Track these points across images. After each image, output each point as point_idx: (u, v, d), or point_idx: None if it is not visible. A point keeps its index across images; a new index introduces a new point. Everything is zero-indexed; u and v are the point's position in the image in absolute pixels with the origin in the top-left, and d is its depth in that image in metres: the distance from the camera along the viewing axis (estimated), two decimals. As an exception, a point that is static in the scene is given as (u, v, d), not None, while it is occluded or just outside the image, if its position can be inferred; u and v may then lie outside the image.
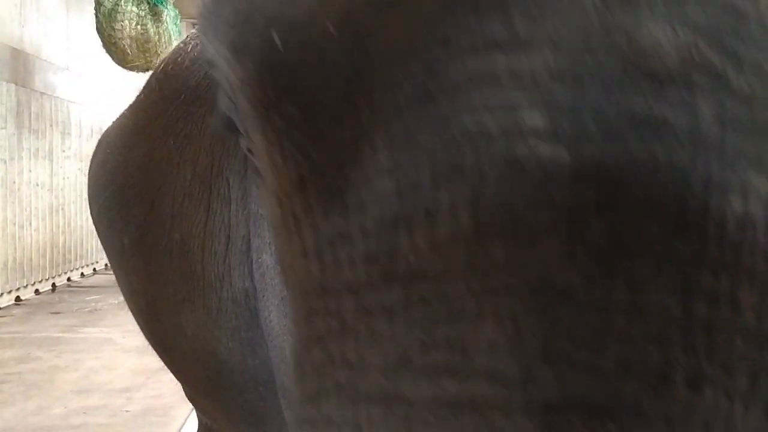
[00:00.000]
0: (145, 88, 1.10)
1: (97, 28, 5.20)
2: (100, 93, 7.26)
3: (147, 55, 5.26)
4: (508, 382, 0.27)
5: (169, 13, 5.30)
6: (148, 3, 5.17)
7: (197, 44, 1.00)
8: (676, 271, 0.26)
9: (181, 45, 1.07)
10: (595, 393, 0.26)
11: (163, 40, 5.26)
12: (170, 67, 1.03)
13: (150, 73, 1.21)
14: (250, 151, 0.40)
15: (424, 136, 0.28)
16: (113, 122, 1.20)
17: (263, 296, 0.87)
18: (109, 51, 5.27)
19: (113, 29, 5.08)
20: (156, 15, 5.21)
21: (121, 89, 7.40)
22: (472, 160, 0.27)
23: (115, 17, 5.07)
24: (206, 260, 0.93)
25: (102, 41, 5.24)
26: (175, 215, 0.96)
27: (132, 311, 1.16)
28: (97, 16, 5.14)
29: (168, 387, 3.27)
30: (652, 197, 0.26)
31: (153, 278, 1.03)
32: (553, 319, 0.26)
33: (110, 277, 6.94)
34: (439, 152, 0.28)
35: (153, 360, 3.51)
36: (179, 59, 1.02)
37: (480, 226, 0.27)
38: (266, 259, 0.84)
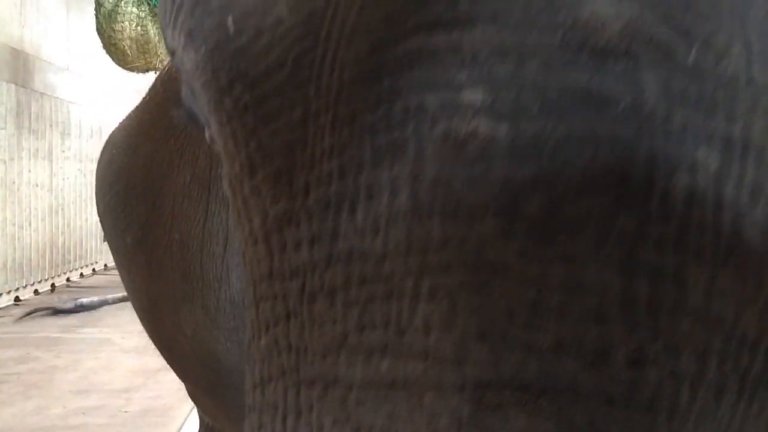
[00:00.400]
0: (150, 89, 1.12)
1: (97, 29, 5.21)
2: (100, 94, 7.27)
3: (147, 56, 5.27)
4: (442, 360, 0.26)
5: (169, 15, 5.30)
6: (149, 4, 5.18)
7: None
8: (617, 247, 0.25)
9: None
10: (529, 371, 0.25)
11: (163, 41, 5.26)
12: (174, 69, 1.04)
13: (150, 74, 1.22)
14: (212, 140, 0.40)
15: (367, 115, 0.28)
16: (120, 123, 1.22)
17: None
18: (109, 52, 5.28)
19: (113, 30, 5.08)
20: (156, 16, 5.20)
21: (121, 90, 7.42)
22: (412, 138, 0.27)
23: (116, 18, 5.08)
24: (205, 261, 0.94)
25: (102, 42, 5.25)
26: (176, 215, 0.97)
27: (135, 310, 1.18)
28: (97, 17, 5.15)
29: (167, 388, 3.27)
30: (592, 172, 0.25)
31: (154, 277, 1.04)
32: (489, 296, 0.26)
33: (110, 278, 6.95)
34: (381, 130, 0.28)
35: (152, 360, 3.50)
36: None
37: (418, 205, 0.27)
38: None
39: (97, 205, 1.22)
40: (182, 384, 1.29)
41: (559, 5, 0.26)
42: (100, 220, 1.20)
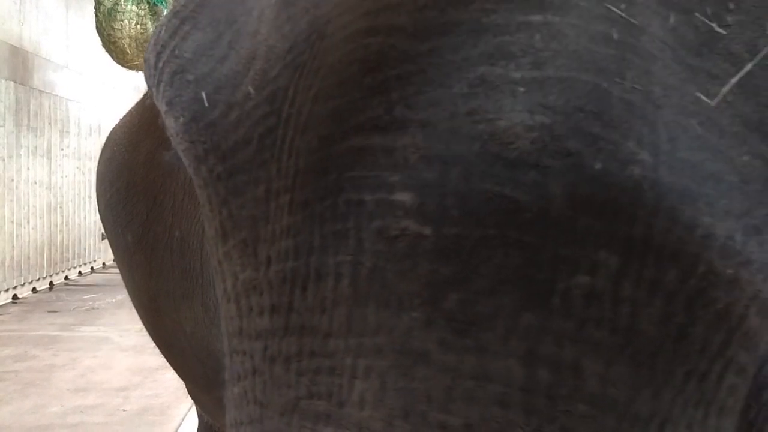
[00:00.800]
0: (151, 88, 1.12)
1: (97, 27, 5.19)
2: (100, 91, 7.27)
3: (146, 54, 5.26)
4: None
5: (169, 13, 5.30)
6: (148, 2, 5.16)
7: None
8: (522, 340, 0.28)
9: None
10: None
11: (162, 39, 5.25)
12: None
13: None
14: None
15: (317, 204, 0.31)
16: (121, 119, 1.22)
17: None
18: (108, 50, 5.26)
19: (113, 28, 5.07)
20: (156, 15, 5.20)
21: (120, 88, 7.41)
22: (353, 231, 0.30)
23: (115, 16, 5.07)
24: (205, 258, 0.94)
25: (101, 40, 5.23)
26: (176, 213, 0.97)
27: (135, 307, 1.18)
28: (96, 15, 5.14)
29: (165, 386, 3.27)
30: (502, 273, 0.28)
31: (155, 275, 1.04)
32: (413, 380, 0.29)
33: (108, 276, 6.94)
34: (328, 219, 0.31)
35: (150, 359, 3.50)
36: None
37: (357, 292, 0.30)
38: None
39: (98, 202, 1.22)
40: (181, 383, 1.28)
41: (480, 116, 0.28)
42: (101, 218, 1.20)
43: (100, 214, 1.21)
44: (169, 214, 0.98)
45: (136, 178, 1.06)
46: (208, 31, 0.38)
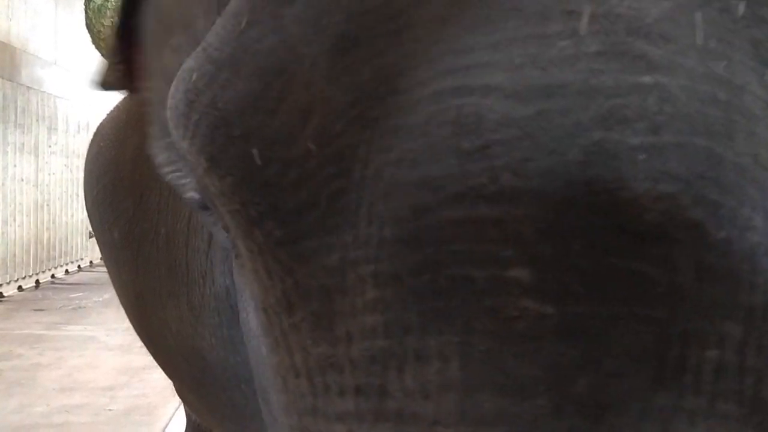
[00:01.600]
0: (139, 81, 1.11)
1: (87, 24, 5.16)
2: (88, 88, 7.21)
3: (136, 51, 5.23)
4: None
5: (159, 10, 5.27)
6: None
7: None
8: (656, 422, 0.27)
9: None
10: None
11: (152, 37, 5.23)
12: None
13: None
14: (226, 229, 0.39)
15: (411, 279, 0.29)
16: (108, 114, 1.20)
17: (241, 296, 0.88)
18: (98, 47, 5.22)
19: (103, 25, 5.02)
20: (146, 11, 5.18)
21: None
22: (460, 309, 0.28)
23: (105, 13, 5.02)
24: (190, 256, 0.93)
25: (91, 37, 5.19)
26: (162, 209, 0.96)
27: (122, 305, 1.17)
28: (86, 12, 5.09)
29: (152, 386, 3.24)
30: (634, 353, 0.27)
31: (141, 272, 1.03)
32: None
33: (95, 275, 6.88)
34: (427, 296, 0.28)
35: (137, 358, 3.47)
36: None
37: (470, 376, 0.28)
38: None
39: (85, 198, 1.21)
40: (168, 382, 1.27)
41: (599, 187, 0.26)
42: (88, 214, 1.19)
43: (87, 210, 1.20)
44: (155, 211, 0.97)
45: (122, 174, 1.05)
46: (253, 80, 0.33)
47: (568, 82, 0.27)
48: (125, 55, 0.64)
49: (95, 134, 1.22)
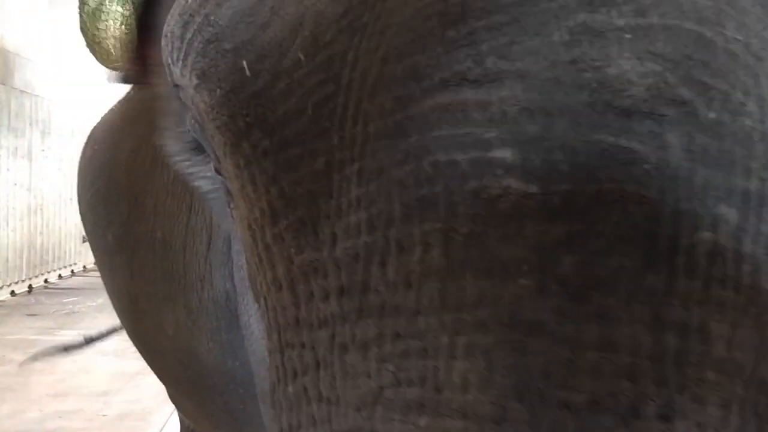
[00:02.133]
0: (134, 85, 1.10)
1: (81, 27, 5.14)
2: (82, 93, 7.19)
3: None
4: (481, 418, 0.27)
5: (154, 14, 5.27)
6: (133, 3, 5.13)
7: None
8: (647, 304, 0.26)
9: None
10: (567, 429, 0.26)
11: (147, 40, 5.22)
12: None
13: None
14: (218, 171, 0.40)
15: (395, 169, 0.29)
16: (102, 117, 1.20)
17: (243, 299, 0.87)
18: (92, 50, 5.20)
19: (97, 29, 5.00)
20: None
21: (103, 90, 7.32)
22: (443, 195, 0.27)
23: (99, 17, 5.00)
24: (188, 260, 0.92)
25: (86, 40, 5.18)
26: (158, 213, 0.95)
27: (115, 310, 1.16)
28: (81, 15, 5.08)
29: (146, 391, 3.22)
30: (621, 232, 0.26)
31: (136, 276, 1.02)
32: (525, 355, 0.26)
33: (89, 279, 6.85)
34: (410, 185, 0.28)
35: (131, 363, 3.45)
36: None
37: (451, 261, 0.27)
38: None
39: (78, 202, 1.20)
40: (162, 388, 1.26)
41: (586, 64, 0.26)
42: (82, 218, 1.18)
43: (80, 214, 1.19)
44: (151, 215, 0.96)
45: (117, 177, 1.04)
46: None
47: None
48: (142, 51, 0.66)
49: (88, 137, 1.22)
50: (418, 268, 0.28)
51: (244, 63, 0.33)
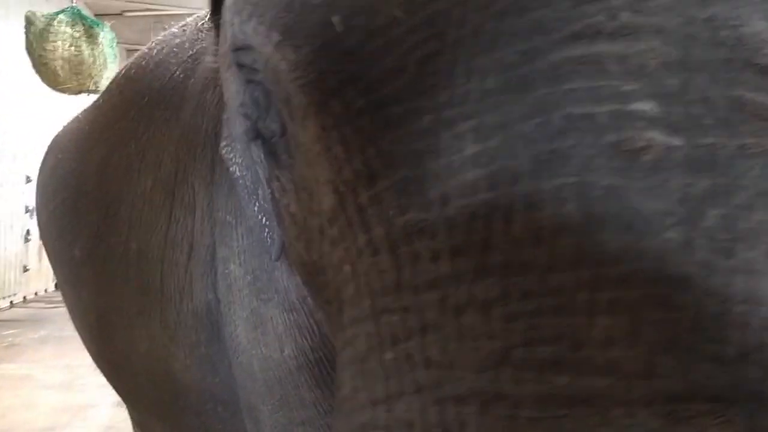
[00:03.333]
0: (104, 93, 1.06)
1: (27, 48, 4.98)
2: (24, 115, 6.92)
3: (80, 77, 5.06)
4: (628, 374, 0.26)
5: (105, 36, 5.15)
6: (84, 24, 5.01)
7: (163, 48, 0.97)
8: None
9: (146, 50, 1.04)
10: (719, 381, 0.26)
11: (98, 62, 5.08)
12: (133, 71, 0.99)
13: (82, 95, 1.19)
14: (273, 136, 0.38)
15: (520, 124, 0.28)
16: (65, 127, 1.15)
17: (229, 309, 0.83)
18: (38, 72, 5.05)
19: (44, 49, 4.87)
20: (91, 37, 5.04)
21: (46, 112, 7.09)
22: (578, 148, 0.27)
23: (47, 37, 4.87)
24: (165, 271, 0.89)
25: (32, 61, 5.02)
26: (133, 223, 0.91)
27: (79, 329, 1.09)
28: (27, 36, 4.93)
29: (96, 425, 3.06)
30: (762, 185, 0.27)
31: (104, 291, 0.97)
32: (672, 309, 0.26)
33: (29, 311, 6.52)
34: (539, 140, 0.28)
35: (78, 396, 3.28)
36: (143, 63, 0.98)
37: (589, 215, 0.27)
38: (234, 269, 0.80)
39: (38, 215, 1.14)
40: (113, 420, 1.20)
41: (719, 23, 0.27)
42: (42, 231, 1.12)
43: (40, 227, 1.13)
44: (126, 225, 0.92)
45: (86, 187, 1.00)
46: None
47: None
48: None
49: (50, 148, 1.17)
50: (550, 223, 0.28)
51: (336, 18, 0.32)
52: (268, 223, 0.56)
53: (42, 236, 1.13)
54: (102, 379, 1.20)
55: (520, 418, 0.27)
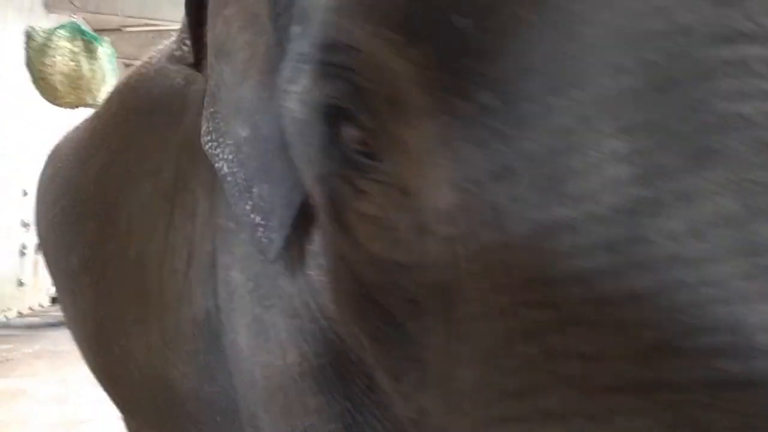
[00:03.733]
0: (104, 102, 1.07)
1: (26, 63, 5.00)
2: (21, 131, 6.93)
3: (79, 92, 5.08)
4: None
5: (104, 51, 5.18)
6: (83, 39, 5.04)
7: (163, 57, 0.97)
8: None
9: (147, 59, 1.04)
10: None
11: (97, 77, 5.10)
12: (133, 79, 1.00)
13: (81, 110, 1.21)
14: (358, 137, 0.38)
15: (671, 122, 0.29)
16: (65, 136, 1.15)
17: (230, 316, 0.83)
18: (37, 86, 5.07)
19: (44, 64, 4.90)
20: (90, 52, 5.07)
21: (44, 127, 7.09)
22: (731, 144, 0.28)
23: (46, 52, 4.90)
24: (164, 278, 0.88)
25: (31, 76, 5.04)
26: (132, 231, 0.91)
27: (76, 339, 1.09)
28: (27, 51, 4.95)
29: (90, 440, 3.02)
30: None
31: (102, 299, 0.97)
32: None
33: (24, 326, 6.44)
34: (690, 137, 0.29)
35: (74, 411, 3.25)
36: (144, 71, 0.99)
37: (749, 208, 0.28)
38: (236, 276, 0.79)
39: (37, 224, 1.14)
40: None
41: None
42: (41, 240, 1.12)
43: (39, 236, 1.13)
44: (124, 232, 0.92)
45: (84, 195, 1.00)
46: None
47: None
48: (195, 33, 0.64)
49: (50, 157, 1.17)
50: (708, 217, 0.28)
51: (457, 19, 0.32)
52: (263, 222, 0.55)
53: (41, 246, 1.13)
54: (98, 394, 1.19)
55: (685, 404, 0.28)
